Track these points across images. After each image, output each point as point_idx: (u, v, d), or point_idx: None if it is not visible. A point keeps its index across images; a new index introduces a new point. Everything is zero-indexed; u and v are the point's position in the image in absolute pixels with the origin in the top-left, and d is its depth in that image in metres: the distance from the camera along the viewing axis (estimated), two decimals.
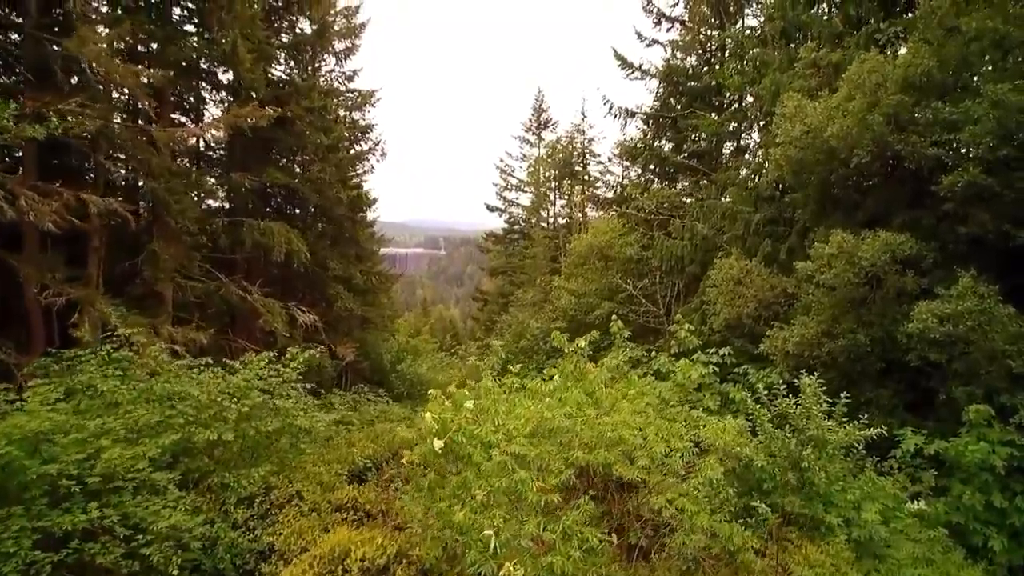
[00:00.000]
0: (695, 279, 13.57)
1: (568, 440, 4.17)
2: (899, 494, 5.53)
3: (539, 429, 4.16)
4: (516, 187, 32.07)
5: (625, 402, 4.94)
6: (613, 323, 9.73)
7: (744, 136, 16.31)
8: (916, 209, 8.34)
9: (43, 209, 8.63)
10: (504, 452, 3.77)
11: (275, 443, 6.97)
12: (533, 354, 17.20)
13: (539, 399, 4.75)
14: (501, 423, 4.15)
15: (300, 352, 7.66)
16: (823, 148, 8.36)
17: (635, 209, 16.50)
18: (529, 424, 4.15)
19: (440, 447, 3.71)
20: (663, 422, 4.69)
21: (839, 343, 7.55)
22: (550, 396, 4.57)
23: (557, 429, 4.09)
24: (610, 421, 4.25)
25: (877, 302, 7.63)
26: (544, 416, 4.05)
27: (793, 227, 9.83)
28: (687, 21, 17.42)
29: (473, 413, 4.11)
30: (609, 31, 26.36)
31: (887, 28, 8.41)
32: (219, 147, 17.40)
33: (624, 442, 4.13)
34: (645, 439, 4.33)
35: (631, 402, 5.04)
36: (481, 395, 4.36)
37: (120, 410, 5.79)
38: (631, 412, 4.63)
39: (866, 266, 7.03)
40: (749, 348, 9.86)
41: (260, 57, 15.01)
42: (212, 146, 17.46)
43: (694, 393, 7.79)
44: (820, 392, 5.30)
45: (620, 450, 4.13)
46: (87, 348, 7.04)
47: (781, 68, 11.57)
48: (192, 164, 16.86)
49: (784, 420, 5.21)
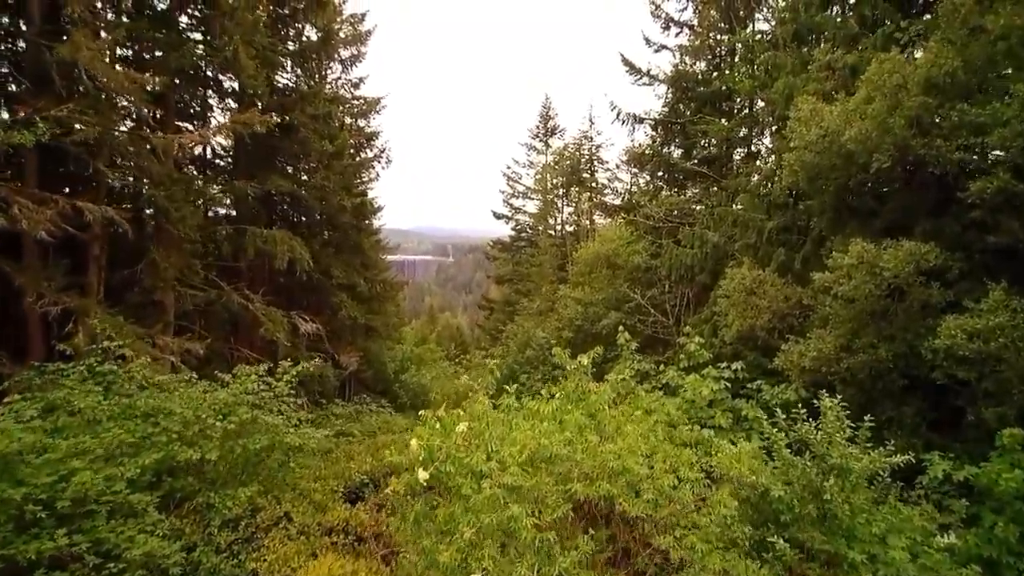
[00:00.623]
0: (705, 288, 13.18)
1: (567, 470, 3.82)
2: (927, 526, 5.09)
3: (536, 456, 3.82)
4: (523, 194, 31.83)
5: (631, 425, 4.58)
6: (620, 334, 9.37)
7: (755, 142, 15.95)
8: (939, 217, 7.91)
9: (36, 217, 8.45)
10: (496, 484, 3.42)
11: (264, 461, 6.67)
12: (539, 364, 16.87)
13: (537, 422, 4.41)
14: (494, 449, 3.81)
15: (292, 366, 7.36)
16: (840, 153, 7.98)
17: (643, 216, 16.15)
18: (525, 451, 3.81)
19: (425, 479, 3.38)
20: (671, 447, 4.32)
21: (859, 358, 7.12)
22: (549, 419, 4.22)
23: (555, 457, 3.75)
24: (613, 449, 3.90)
25: (899, 315, 7.21)
26: (541, 443, 3.71)
27: (808, 235, 9.43)
28: (696, 26, 17.11)
29: (464, 438, 3.78)
30: (611, 31, 26.15)
31: (909, 27, 8.03)
32: (226, 155, 17.35)
33: (629, 472, 3.77)
34: (652, 468, 3.97)
35: (637, 424, 4.68)
36: (474, 417, 4.03)
37: (100, 428, 5.52)
38: (637, 436, 4.27)
39: (888, 277, 6.63)
40: (762, 361, 9.44)
41: (264, 64, 14.91)
42: (219, 154, 17.42)
43: (705, 410, 7.41)
44: (843, 415, 4.89)
45: (624, 481, 3.77)
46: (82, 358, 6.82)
47: (794, 71, 11.21)
48: (199, 172, 16.79)
49: (804, 446, 4.81)
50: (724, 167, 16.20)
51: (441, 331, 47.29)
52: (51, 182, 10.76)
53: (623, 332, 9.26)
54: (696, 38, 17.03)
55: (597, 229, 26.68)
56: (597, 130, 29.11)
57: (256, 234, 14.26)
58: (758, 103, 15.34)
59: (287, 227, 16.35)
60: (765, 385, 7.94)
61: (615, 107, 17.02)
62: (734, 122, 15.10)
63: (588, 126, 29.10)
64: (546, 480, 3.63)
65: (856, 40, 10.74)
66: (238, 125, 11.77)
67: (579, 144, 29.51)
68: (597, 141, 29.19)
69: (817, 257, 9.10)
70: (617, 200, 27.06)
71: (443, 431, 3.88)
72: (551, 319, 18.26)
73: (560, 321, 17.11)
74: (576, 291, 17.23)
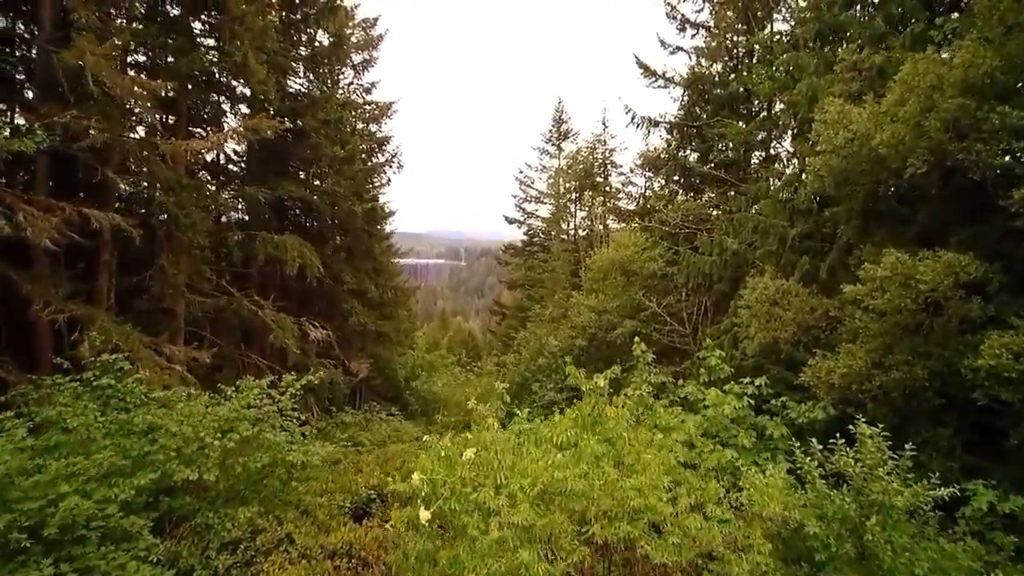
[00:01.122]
0: (724, 297, 12.75)
1: (583, 507, 3.50)
2: (974, 565, 4.68)
3: (549, 490, 3.50)
4: (535, 199, 31.52)
5: (651, 452, 4.24)
6: (636, 345, 9.03)
7: (774, 145, 15.50)
8: (977, 225, 7.46)
9: (41, 224, 8.33)
10: (505, 523, 3.11)
11: (266, 479, 6.43)
12: (551, 372, 16.52)
13: (550, 446, 4.09)
14: (503, 482, 3.50)
15: (296, 379, 7.11)
16: (870, 157, 7.56)
17: (659, 222, 15.76)
18: (537, 483, 3.50)
19: (427, 519, 3.09)
20: (696, 478, 3.98)
21: (892, 376, 6.69)
22: (563, 449, 3.91)
23: (571, 493, 3.43)
24: (634, 483, 3.57)
25: (936, 330, 6.77)
26: (555, 476, 3.40)
27: (835, 243, 8.99)
28: (712, 27, 16.71)
29: (470, 469, 3.48)
30: (619, 32, 25.87)
31: (944, 24, 7.60)
32: (240, 160, 17.31)
33: (651, 510, 3.44)
34: (675, 502, 3.63)
35: (658, 452, 4.34)
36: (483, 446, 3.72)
37: (94, 446, 5.31)
38: (658, 466, 3.93)
39: (925, 291, 6.21)
40: (786, 375, 9.02)
41: (275, 69, 14.83)
42: (233, 159, 17.39)
43: (727, 428, 7.04)
44: (884, 445, 4.50)
45: (647, 520, 3.45)
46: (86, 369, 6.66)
47: (817, 72, 10.79)
48: (213, 178, 16.77)
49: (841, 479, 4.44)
50: (741, 171, 15.76)
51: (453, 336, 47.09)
52: (63, 189, 10.71)
53: (639, 343, 8.91)
54: (713, 39, 16.64)
55: (611, 234, 26.30)
56: (611, 134, 28.77)
57: (267, 240, 14.14)
58: (776, 106, 14.91)
59: (299, 233, 16.24)
60: (790, 402, 7.54)
61: (629, 110, 16.67)
62: (752, 125, 14.66)
63: (602, 130, 28.74)
64: (560, 519, 3.32)
65: (882, 39, 10.30)
66: (247, 130, 11.64)
67: (592, 148, 29.17)
68: (611, 145, 28.84)
69: (844, 266, 8.67)
70: (631, 205, 26.70)
71: (448, 462, 3.59)
72: (564, 326, 17.90)
73: (573, 329, 16.75)
74: (590, 298, 16.87)
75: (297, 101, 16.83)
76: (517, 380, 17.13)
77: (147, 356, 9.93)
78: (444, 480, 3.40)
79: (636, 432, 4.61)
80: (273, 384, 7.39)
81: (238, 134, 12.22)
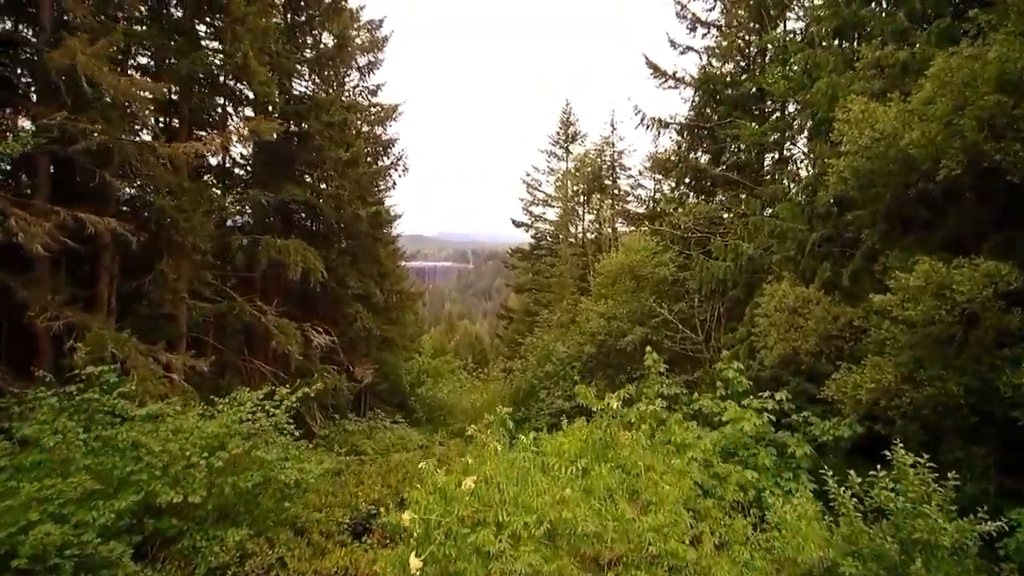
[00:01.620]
0: (738, 303, 12.31)
1: (596, 551, 3.14)
2: None
3: (557, 530, 3.14)
4: (543, 202, 31.14)
5: (668, 480, 3.85)
6: (648, 355, 8.65)
7: (787, 146, 15.06)
8: (1013, 229, 7.00)
9: (33, 230, 8.09)
10: (507, 570, 2.75)
11: (258, 498, 6.09)
12: (559, 380, 16.13)
13: (558, 477, 3.72)
14: (506, 519, 3.14)
15: (291, 392, 6.79)
16: (897, 158, 7.14)
17: (669, 225, 15.34)
18: (544, 521, 3.13)
19: (419, 567, 2.73)
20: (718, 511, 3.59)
21: (925, 392, 6.26)
22: (573, 480, 3.54)
23: (581, 535, 3.06)
24: (652, 523, 3.20)
25: (971, 344, 6.33)
26: (563, 516, 3.03)
27: (858, 248, 8.55)
28: (723, 26, 16.31)
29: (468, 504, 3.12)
30: (619, 31, 25.47)
31: (978, 16, 7.16)
32: (246, 163, 17.12)
33: (672, 555, 3.07)
34: (698, 543, 3.25)
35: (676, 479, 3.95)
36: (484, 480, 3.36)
37: (73, 466, 5.00)
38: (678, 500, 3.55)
39: (961, 301, 5.77)
40: (806, 387, 8.59)
41: (278, 71, 14.61)
42: (239, 163, 17.20)
43: (745, 447, 6.64)
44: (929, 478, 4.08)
45: (668, 566, 3.07)
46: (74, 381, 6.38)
47: (836, 70, 10.35)
48: (218, 181, 16.59)
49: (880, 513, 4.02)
50: (754, 173, 15.33)
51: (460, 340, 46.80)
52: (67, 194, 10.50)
53: (651, 353, 8.53)
54: (724, 39, 16.23)
55: (620, 238, 25.87)
56: (619, 136, 28.36)
57: (269, 244, 13.89)
58: (790, 107, 14.48)
59: (304, 237, 15.98)
60: (813, 417, 7.11)
61: (639, 111, 16.30)
62: (767, 126, 14.23)
63: (610, 131, 28.36)
64: (568, 564, 2.95)
65: (904, 35, 9.87)
66: (247, 132, 11.40)
67: (600, 150, 28.78)
68: (619, 147, 28.43)
69: (868, 273, 8.23)
70: (640, 208, 26.27)
71: (443, 495, 3.23)
72: (572, 332, 17.51)
73: (582, 335, 16.34)
74: (599, 304, 16.47)
75: (301, 103, 16.61)
76: (524, 387, 16.76)
77: (143, 364, 9.68)
78: (439, 520, 3.05)
79: (652, 455, 4.23)
80: (270, 395, 7.08)
81: (239, 136, 11.99)
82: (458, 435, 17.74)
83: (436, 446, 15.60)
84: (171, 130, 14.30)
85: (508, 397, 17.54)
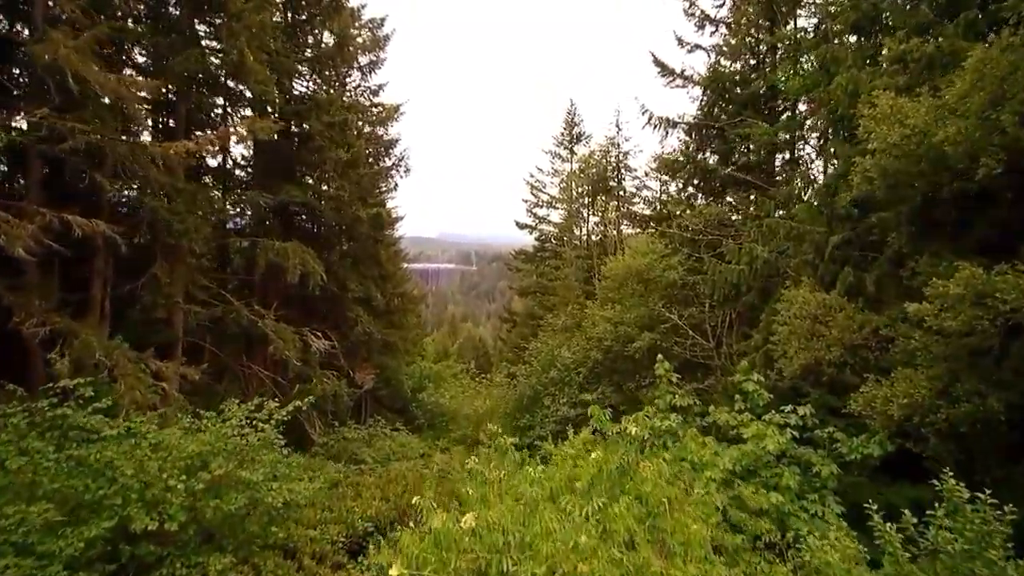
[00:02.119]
0: (752, 309, 11.84)
1: None
2: None
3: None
4: (547, 203, 30.69)
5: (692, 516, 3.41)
6: (659, 364, 8.20)
7: (799, 146, 14.61)
8: None
9: (15, 232, 7.72)
10: None
11: (243, 522, 5.68)
12: (564, 386, 15.68)
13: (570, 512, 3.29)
14: (511, 568, 2.71)
15: (279, 407, 6.38)
16: (928, 156, 6.68)
17: (677, 227, 14.89)
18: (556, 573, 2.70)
19: None
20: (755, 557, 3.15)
21: (963, 409, 5.80)
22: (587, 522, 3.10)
23: None
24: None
25: (1012, 356, 5.86)
26: (579, 569, 2.60)
27: (884, 251, 8.08)
28: (732, 23, 15.87)
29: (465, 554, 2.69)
30: (620, 31, 25.08)
31: (1019, 3, 6.71)
32: (247, 165, 16.80)
33: None
34: None
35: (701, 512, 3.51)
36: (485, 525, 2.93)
37: (40, 491, 4.60)
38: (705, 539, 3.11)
39: (1006, 311, 5.32)
40: (828, 399, 8.12)
41: (277, 70, 14.26)
42: (240, 164, 16.88)
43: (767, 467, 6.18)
44: (991, 514, 3.63)
45: None
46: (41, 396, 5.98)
47: (857, 65, 9.89)
48: (219, 183, 16.28)
49: (930, 553, 3.58)
50: (766, 174, 14.86)
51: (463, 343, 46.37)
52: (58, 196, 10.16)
53: (663, 362, 8.08)
54: (733, 36, 15.79)
55: (626, 240, 25.42)
56: (625, 136, 27.92)
57: (268, 247, 13.53)
58: (800, 106, 14.03)
59: (304, 239, 15.60)
60: (839, 434, 6.64)
61: (646, 110, 15.85)
62: (780, 125, 13.77)
63: (615, 132, 27.92)
64: None
65: (928, 28, 9.41)
66: (244, 132, 11.03)
67: (605, 151, 28.33)
68: (625, 148, 27.98)
69: (895, 278, 7.76)
70: (647, 210, 25.78)
71: (438, 543, 2.79)
72: (578, 337, 17.05)
73: (588, 340, 15.89)
74: (605, 308, 16.01)
75: (302, 103, 16.29)
76: (528, 393, 16.31)
77: (132, 372, 9.29)
78: (434, 568, 2.62)
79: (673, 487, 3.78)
80: (259, 408, 6.67)
81: (236, 135, 11.62)
82: (460, 442, 17.31)
83: (437, 454, 15.18)
84: (169, 131, 13.98)
85: (512, 404, 17.10)
